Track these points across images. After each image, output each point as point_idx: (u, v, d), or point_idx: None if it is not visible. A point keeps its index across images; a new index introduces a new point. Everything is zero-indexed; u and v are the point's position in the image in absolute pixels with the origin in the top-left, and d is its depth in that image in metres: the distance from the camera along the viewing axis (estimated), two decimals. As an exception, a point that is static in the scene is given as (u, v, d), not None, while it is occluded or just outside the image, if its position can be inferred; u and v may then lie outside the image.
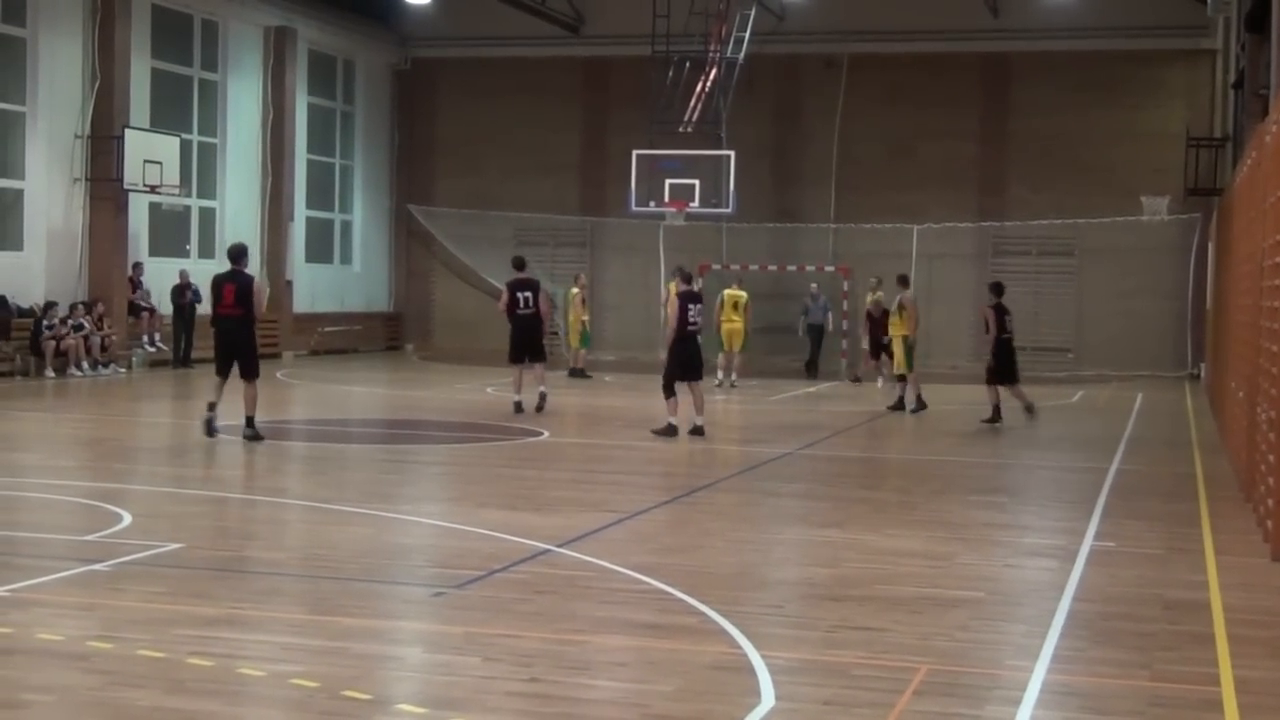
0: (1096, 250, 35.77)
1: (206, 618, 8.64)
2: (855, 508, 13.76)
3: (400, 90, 40.49)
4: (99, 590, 9.31)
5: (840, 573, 10.48)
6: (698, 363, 19.36)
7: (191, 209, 33.23)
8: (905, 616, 9.03)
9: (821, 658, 8.02)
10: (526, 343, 21.84)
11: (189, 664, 7.54)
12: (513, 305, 21.77)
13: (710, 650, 8.13)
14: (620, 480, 15.55)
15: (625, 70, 36.86)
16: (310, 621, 8.70)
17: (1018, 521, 13.25)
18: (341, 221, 39.33)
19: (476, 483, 15.01)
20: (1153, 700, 7.36)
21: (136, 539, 11.00)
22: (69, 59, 29.07)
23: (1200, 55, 35.15)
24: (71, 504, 12.78)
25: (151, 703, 6.91)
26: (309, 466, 17.23)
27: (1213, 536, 12.30)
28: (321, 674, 7.39)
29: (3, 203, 28.24)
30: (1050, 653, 8.20)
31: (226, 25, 33.92)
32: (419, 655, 8.09)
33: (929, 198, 36.25)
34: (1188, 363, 34.69)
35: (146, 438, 19.65)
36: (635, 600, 9.37)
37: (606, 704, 7.17)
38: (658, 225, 35.85)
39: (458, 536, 11.68)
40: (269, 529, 12.36)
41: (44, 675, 7.47)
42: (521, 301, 21.72)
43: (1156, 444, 20.36)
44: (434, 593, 9.53)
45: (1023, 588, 10.37)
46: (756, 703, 7.09)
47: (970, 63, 36.41)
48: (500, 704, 7.02)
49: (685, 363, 19.14)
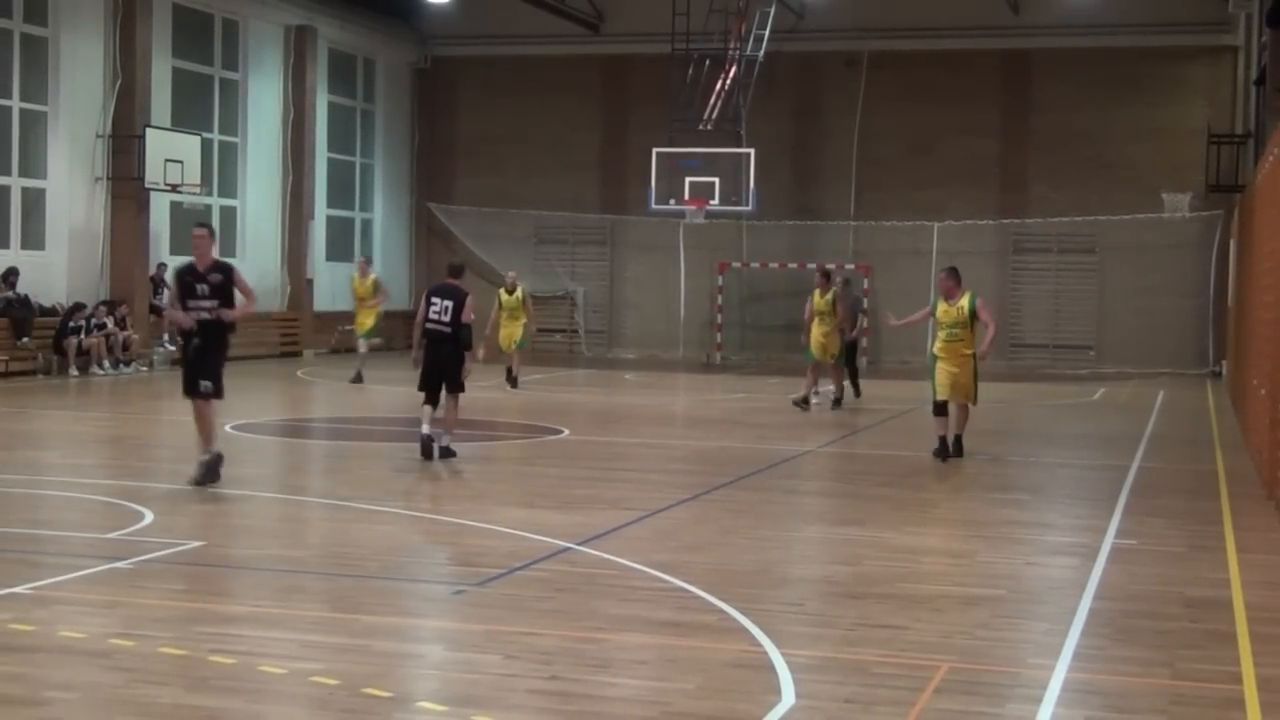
0: (1117, 247, 35.66)
1: (227, 615, 8.66)
2: (875, 505, 13.74)
3: (420, 89, 40.52)
4: (121, 588, 9.33)
5: (861, 570, 10.46)
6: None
7: (212, 208, 33.27)
8: (926, 614, 9.02)
9: (842, 655, 8.00)
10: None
11: (210, 661, 7.56)
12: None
13: (730, 648, 8.12)
14: (640, 478, 15.54)
15: (645, 68, 36.84)
16: (331, 619, 8.72)
17: (1039, 519, 13.21)
18: (362, 220, 39.38)
19: (497, 480, 15.02)
20: (1174, 699, 7.33)
21: (158, 537, 11.03)
22: (90, 59, 29.15)
23: (1221, 51, 35.01)
24: (93, 502, 12.82)
25: (173, 700, 6.93)
26: (329, 464, 17.27)
27: (1234, 534, 12.25)
28: (342, 671, 7.40)
29: (25, 202, 28.32)
30: (1071, 651, 8.18)
31: (247, 24, 33.98)
32: (439, 653, 8.09)
33: (949, 195, 36.18)
34: (1209, 360, 34.56)
35: (168, 436, 19.69)
36: (655, 598, 9.36)
37: (627, 702, 7.17)
38: (678, 223, 35.91)
39: (478, 534, 11.68)
40: (290, 527, 12.38)
41: (66, 673, 7.49)
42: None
43: (1178, 441, 20.29)
44: (454, 590, 9.54)
45: (1044, 585, 10.34)
46: (777, 701, 7.08)
47: (991, 59, 36.31)
48: (521, 702, 7.02)
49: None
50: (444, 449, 15.96)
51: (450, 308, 15.93)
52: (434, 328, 16.00)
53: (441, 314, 15.95)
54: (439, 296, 16.09)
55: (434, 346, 16.04)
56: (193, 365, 13.80)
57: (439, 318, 15.96)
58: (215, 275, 13.79)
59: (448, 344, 15.96)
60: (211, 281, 13.72)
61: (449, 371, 16.03)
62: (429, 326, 16.03)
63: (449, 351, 15.97)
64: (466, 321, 16.03)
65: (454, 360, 16.00)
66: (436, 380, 16.09)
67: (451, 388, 16.10)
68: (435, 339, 16.01)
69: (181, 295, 13.77)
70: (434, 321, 15.99)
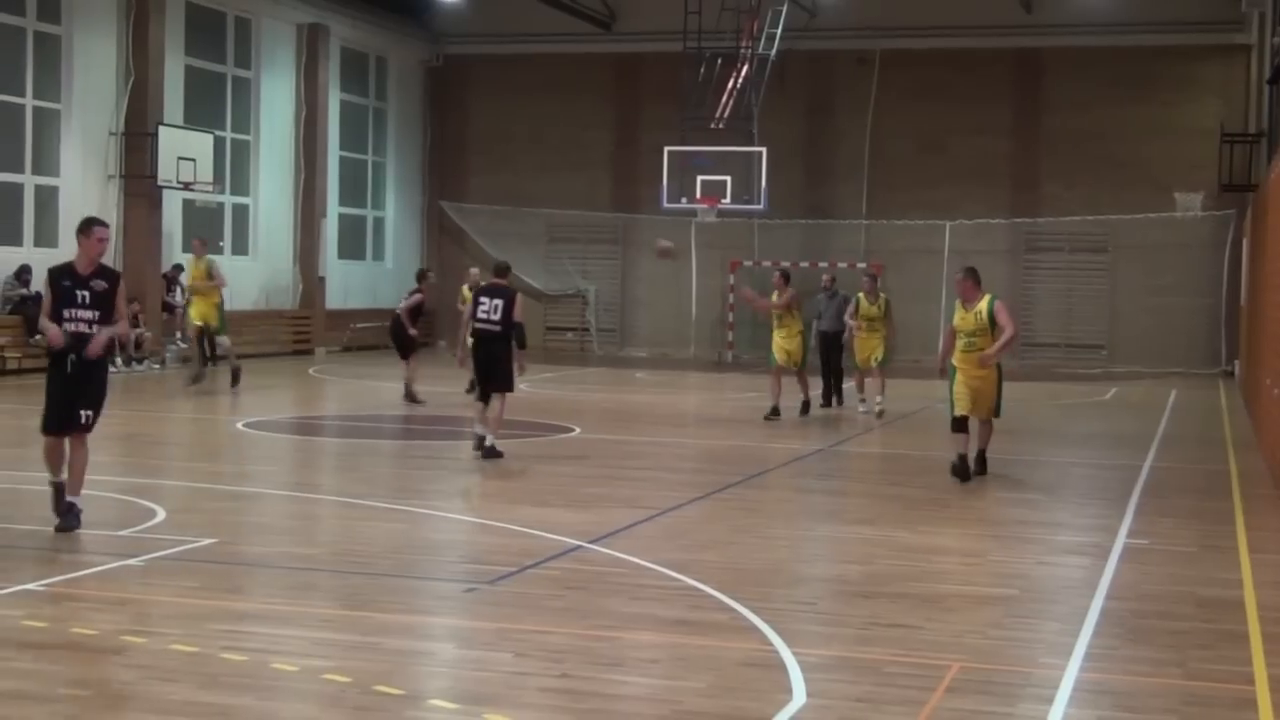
0: (1130, 247, 35.60)
1: (239, 613, 8.68)
2: (887, 504, 13.73)
3: (432, 87, 40.55)
4: (133, 585, 9.35)
5: (872, 570, 10.46)
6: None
7: (225, 206, 33.34)
8: (938, 614, 9.01)
9: (853, 655, 8.00)
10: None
11: (222, 658, 7.57)
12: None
13: (742, 647, 8.12)
14: (652, 476, 15.54)
15: (657, 67, 36.84)
16: (343, 617, 8.73)
17: (1051, 519, 13.19)
18: (374, 218, 39.41)
19: (508, 479, 15.02)
20: (1186, 699, 7.32)
21: (170, 534, 11.05)
22: (103, 56, 29.20)
23: (1234, 50, 34.92)
24: (106, 499, 12.83)
25: (184, 697, 6.94)
26: (341, 462, 17.29)
27: (1247, 534, 12.24)
28: (354, 669, 7.41)
29: (38, 199, 28.37)
30: (1083, 651, 8.17)
31: (259, 22, 34.03)
32: (451, 651, 8.10)
33: (961, 194, 36.15)
34: (1222, 359, 34.48)
35: (179, 433, 19.75)
36: (667, 596, 9.36)
37: (638, 700, 7.17)
38: (690, 221, 35.89)
39: (490, 532, 11.70)
40: (301, 524, 12.40)
41: (78, 669, 7.51)
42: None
43: (1190, 441, 20.25)
44: (466, 588, 9.55)
45: (1056, 585, 10.33)
46: (788, 700, 7.07)
47: (1003, 58, 36.27)
48: (532, 699, 7.03)
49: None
50: (488, 449, 15.99)
51: (500, 306, 16.05)
52: (483, 327, 16.12)
53: (490, 313, 16.07)
54: (488, 296, 16.24)
55: (483, 345, 16.18)
56: (70, 391, 11.07)
57: (488, 316, 16.09)
58: (99, 282, 11.19)
59: (497, 342, 16.09)
60: (95, 289, 11.15)
61: (500, 369, 16.12)
62: (478, 326, 16.16)
63: (499, 349, 16.09)
64: (517, 320, 16.17)
65: (504, 358, 16.09)
66: (487, 378, 16.20)
67: (500, 386, 16.16)
68: (484, 337, 16.14)
69: (56, 303, 11.14)
70: (483, 320, 16.12)
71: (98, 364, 11.23)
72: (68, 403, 11.03)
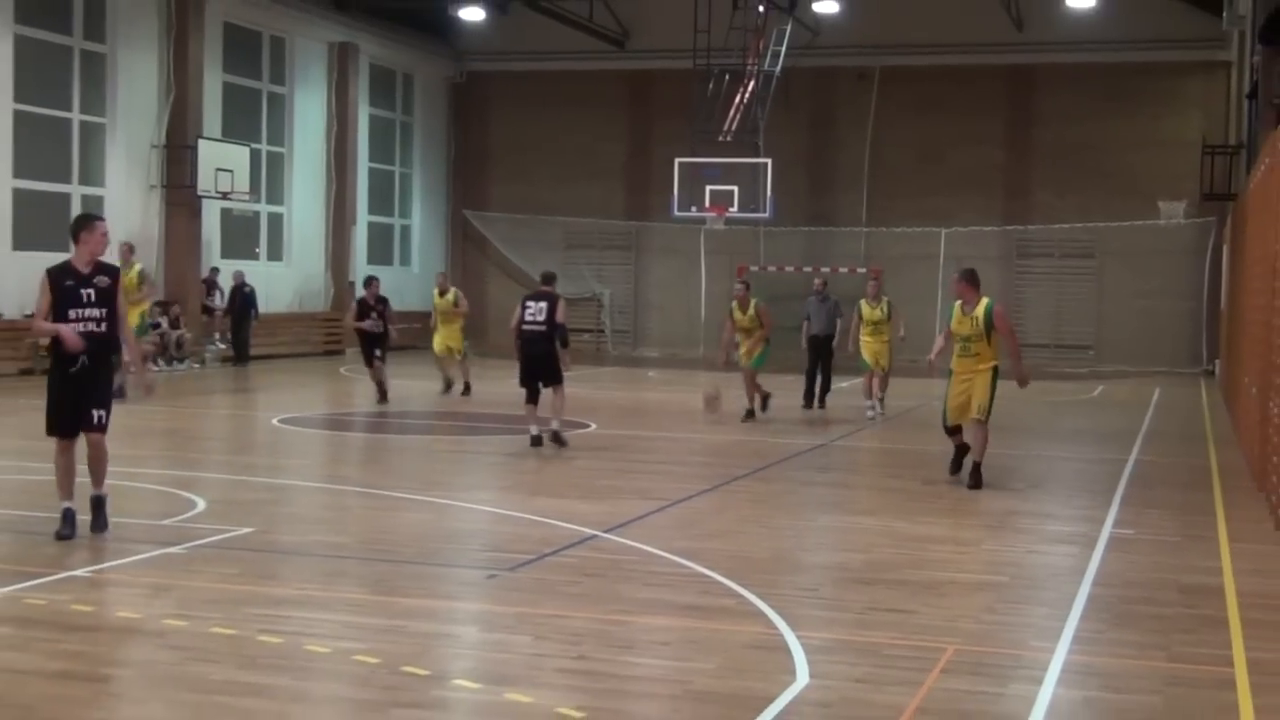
0: (1116, 252, 35.57)
1: (275, 598, 8.70)
2: (887, 496, 13.72)
3: (456, 102, 40.59)
4: (175, 571, 9.38)
5: (872, 558, 10.46)
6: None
7: (261, 214, 33.41)
8: (934, 599, 9.01)
9: (854, 638, 8.00)
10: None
11: (259, 641, 7.60)
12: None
13: (748, 630, 8.13)
14: (663, 469, 15.55)
15: (668, 83, 36.86)
16: (372, 601, 8.75)
17: (1040, 510, 13.18)
18: (401, 226, 39.47)
19: (528, 472, 15.04)
20: (1169, 680, 7.32)
21: (210, 524, 11.09)
22: (146, 73, 29.28)
23: (1216, 67, 34.87)
24: (149, 491, 12.86)
25: (224, 677, 6.97)
26: (370, 456, 17.32)
27: (1226, 525, 12.22)
28: (383, 651, 7.43)
29: (84, 209, 28.42)
30: (1071, 634, 8.17)
31: (293, 41, 34.09)
32: (474, 634, 8.11)
33: (957, 203, 36.13)
34: (1203, 359, 34.43)
35: (218, 429, 19.79)
36: (678, 583, 9.37)
37: (650, 680, 7.19)
38: (699, 229, 35.99)
39: (510, 522, 11.71)
40: (333, 515, 12.41)
41: (124, 651, 7.55)
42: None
43: (1173, 437, 20.22)
44: (488, 575, 9.56)
45: (1045, 573, 10.32)
46: (792, 680, 7.09)
47: (996, 74, 36.22)
48: (550, 680, 7.04)
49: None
50: (554, 434, 16.41)
51: (545, 309, 16.39)
52: (530, 329, 16.42)
53: (536, 315, 16.40)
54: (534, 301, 16.59)
55: (529, 345, 16.46)
56: (78, 392, 10.39)
57: (534, 319, 16.41)
58: (102, 279, 10.39)
59: (542, 342, 16.40)
60: (98, 286, 10.36)
61: (547, 365, 16.42)
62: (525, 328, 16.44)
63: (544, 350, 16.38)
64: (560, 321, 16.47)
65: (550, 355, 16.38)
66: (534, 377, 16.53)
67: (550, 381, 16.53)
68: (530, 338, 16.43)
69: (59, 304, 10.26)
70: (529, 323, 16.42)
71: (103, 364, 10.60)
72: (76, 404, 10.39)
